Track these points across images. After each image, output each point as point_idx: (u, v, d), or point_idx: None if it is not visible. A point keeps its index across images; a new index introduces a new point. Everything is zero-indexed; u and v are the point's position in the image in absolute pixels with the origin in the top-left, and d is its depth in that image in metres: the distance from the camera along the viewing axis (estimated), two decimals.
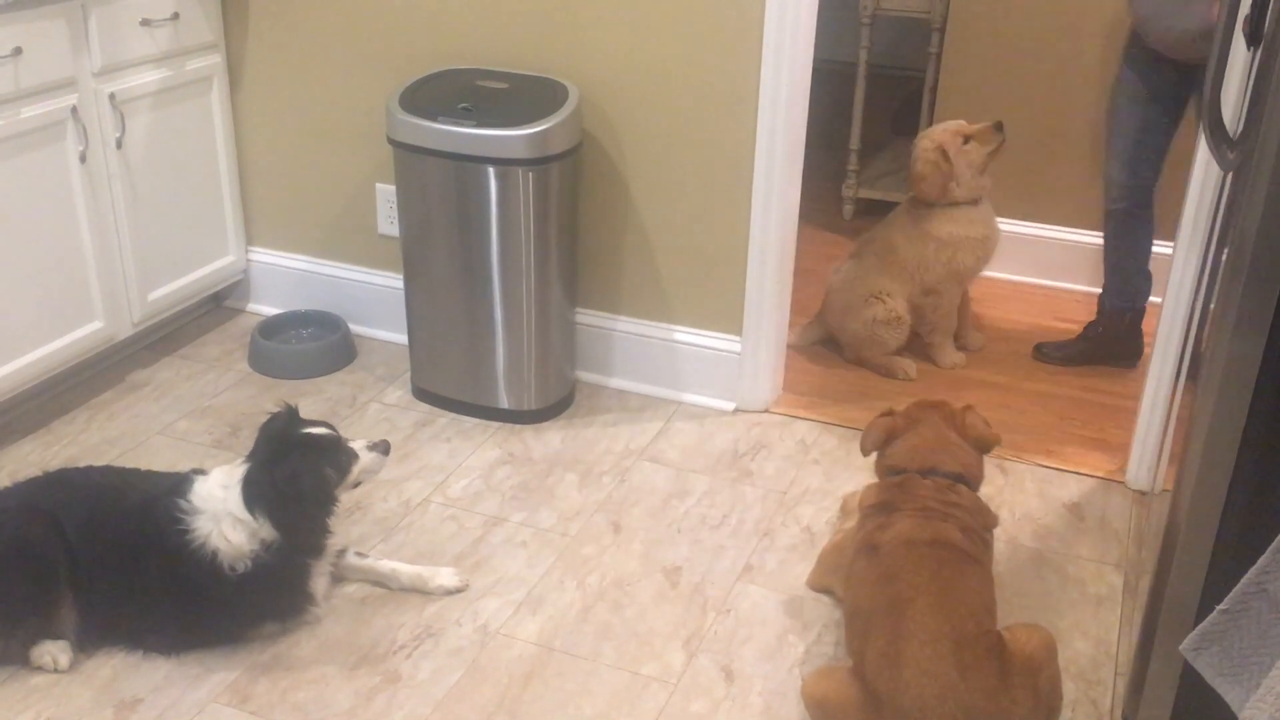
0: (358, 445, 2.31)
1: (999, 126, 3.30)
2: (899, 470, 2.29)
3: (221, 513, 2.19)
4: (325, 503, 2.27)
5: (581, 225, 3.09)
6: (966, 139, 3.28)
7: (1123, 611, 2.44)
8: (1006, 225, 3.47)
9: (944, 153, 3.25)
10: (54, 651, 2.20)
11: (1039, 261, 3.91)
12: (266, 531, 2.18)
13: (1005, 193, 3.54)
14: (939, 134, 3.31)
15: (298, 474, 2.19)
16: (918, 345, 3.42)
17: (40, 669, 2.20)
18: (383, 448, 2.35)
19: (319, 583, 2.33)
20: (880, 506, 2.26)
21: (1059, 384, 3.33)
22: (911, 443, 2.32)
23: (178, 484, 2.26)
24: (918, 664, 1.95)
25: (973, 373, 3.39)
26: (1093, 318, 3.44)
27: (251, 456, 2.25)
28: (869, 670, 2.03)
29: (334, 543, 2.35)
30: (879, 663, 2.01)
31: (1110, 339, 3.38)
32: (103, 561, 2.20)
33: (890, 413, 2.40)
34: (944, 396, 3.20)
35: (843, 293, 3.39)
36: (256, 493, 2.18)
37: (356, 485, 2.36)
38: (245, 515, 2.18)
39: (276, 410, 2.32)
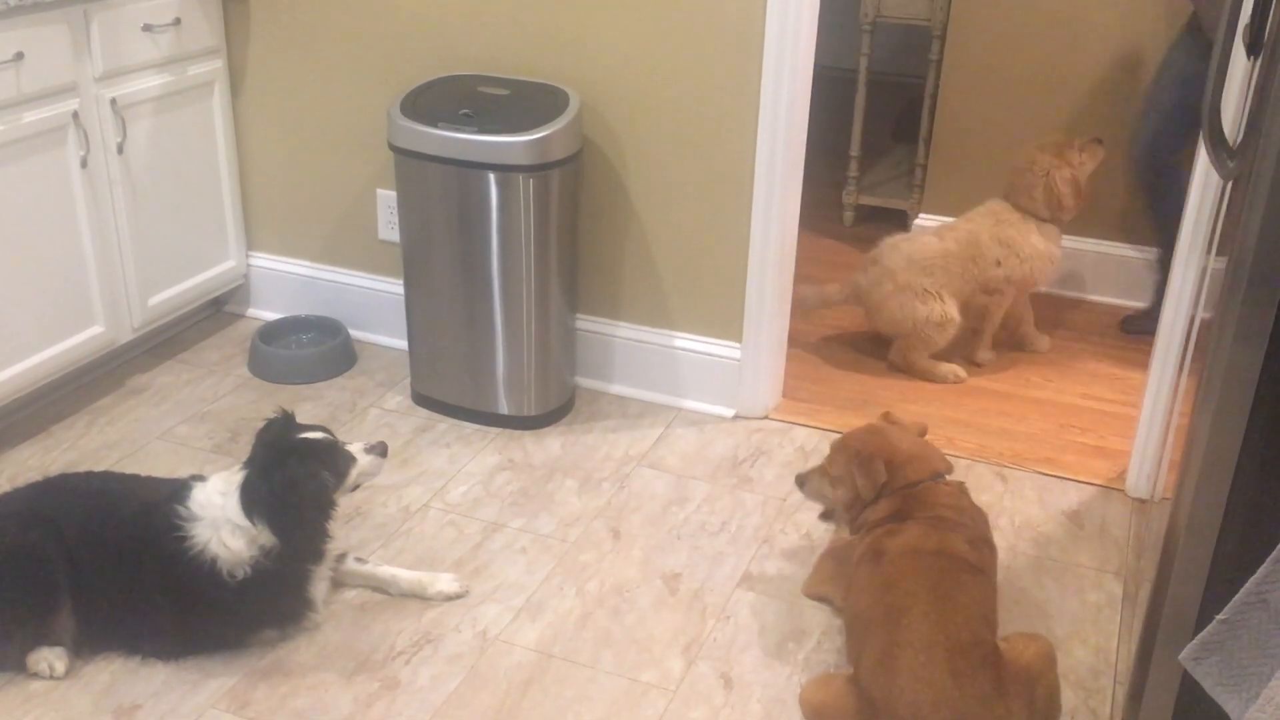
0: (355, 448, 2.31)
1: (1100, 141, 3.34)
2: (914, 483, 2.28)
3: (220, 519, 2.18)
4: (323, 507, 2.26)
5: (582, 231, 3.09)
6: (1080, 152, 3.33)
7: (1122, 620, 2.44)
8: None
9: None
10: (50, 658, 2.19)
11: None
12: (265, 538, 2.18)
13: None
14: (1057, 145, 3.31)
15: (295, 479, 2.18)
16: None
17: (37, 675, 2.20)
18: (380, 449, 2.34)
19: (318, 588, 2.33)
20: (892, 516, 2.25)
21: (1059, 391, 3.33)
22: (909, 455, 2.31)
23: (176, 490, 2.26)
24: (912, 671, 1.96)
25: (973, 380, 3.39)
26: (1091, 323, 3.47)
27: (249, 463, 2.25)
28: (865, 677, 2.03)
29: (333, 548, 2.35)
30: (875, 669, 2.01)
31: None
32: (101, 567, 2.19)
33: (868, 456, 2.31)
34: (949, 404, 3.22)
35: (903, 272, 3.31)
36: (254, 499, 2.18)
37: (355, 489, 2.36)
38: (244, 521, 2.17)
39: (273, 416, 2.32)
